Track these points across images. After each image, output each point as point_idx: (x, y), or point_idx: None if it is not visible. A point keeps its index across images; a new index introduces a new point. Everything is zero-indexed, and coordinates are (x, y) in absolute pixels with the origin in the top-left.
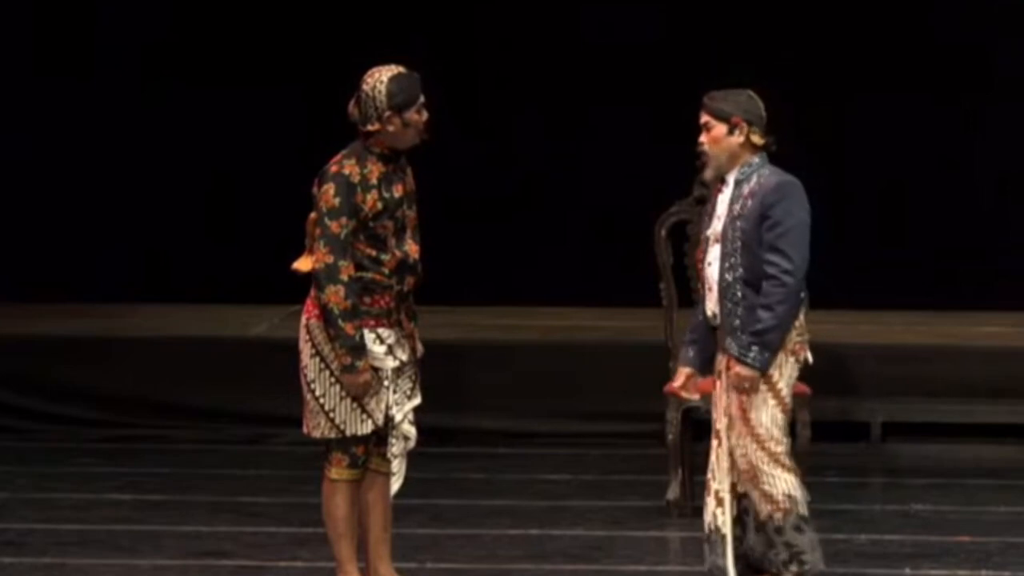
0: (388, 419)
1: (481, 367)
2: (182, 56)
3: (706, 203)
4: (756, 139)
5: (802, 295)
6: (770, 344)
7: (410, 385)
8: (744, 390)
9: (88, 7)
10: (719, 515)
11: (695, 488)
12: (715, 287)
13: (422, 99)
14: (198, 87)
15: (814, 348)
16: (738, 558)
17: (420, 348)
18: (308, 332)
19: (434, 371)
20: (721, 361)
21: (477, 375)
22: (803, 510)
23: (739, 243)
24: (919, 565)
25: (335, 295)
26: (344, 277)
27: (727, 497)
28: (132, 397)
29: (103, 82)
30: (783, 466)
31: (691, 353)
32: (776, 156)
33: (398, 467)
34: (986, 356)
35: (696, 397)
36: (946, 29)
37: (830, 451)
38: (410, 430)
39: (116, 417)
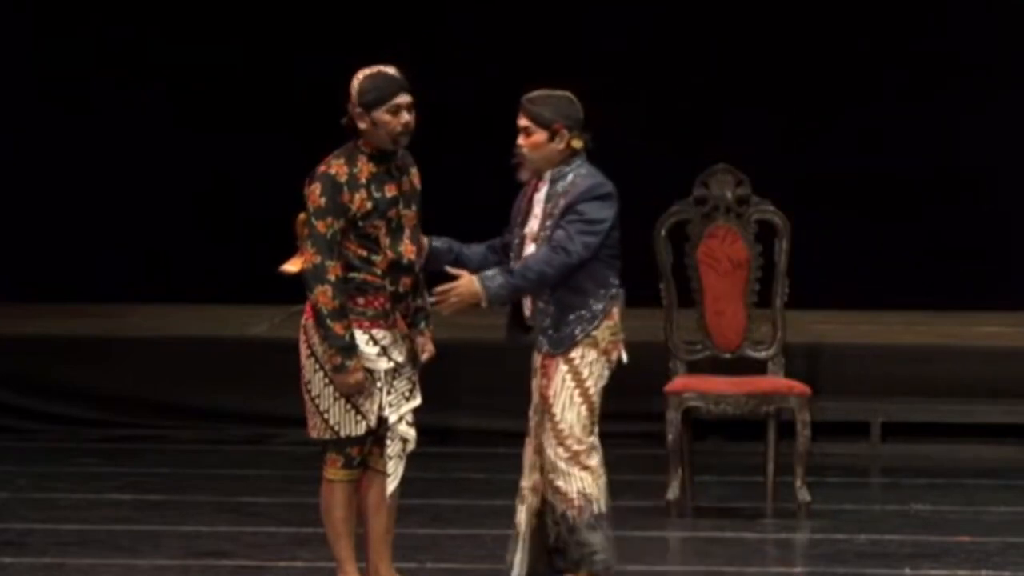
0: (383, 420)
1: (480, 367)
2: (182, 56)
3: (705, 203)
4: (576, 143)
5: (613, 292)
6: (511, 286)
7: (408, 387)
8: (455, 299)
9: (90, 9)
10: (520, 512)
11: (695, 488)
12: None
13: (397, 101)
14: (198, 86)
15: (815, 348)
16: (551, 553)
17: (430, 349)
18: (305, 333)
19: (433, 371)
20: (536, 359)
21: (476, 375)
22: (599, 508)
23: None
24: (919, 565)
25: (323, 295)
26: (331, 277)
27: (528, 495)
28: (132, 397)
29: (104, 82)
30: (581, 465)
31: (468, 249)
32: (774, 155)
33: (393, 468)
34: (986, 356)
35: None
36: (945, 28)
37: (830, 451)
38: (408, 432)
39: (116, 417)
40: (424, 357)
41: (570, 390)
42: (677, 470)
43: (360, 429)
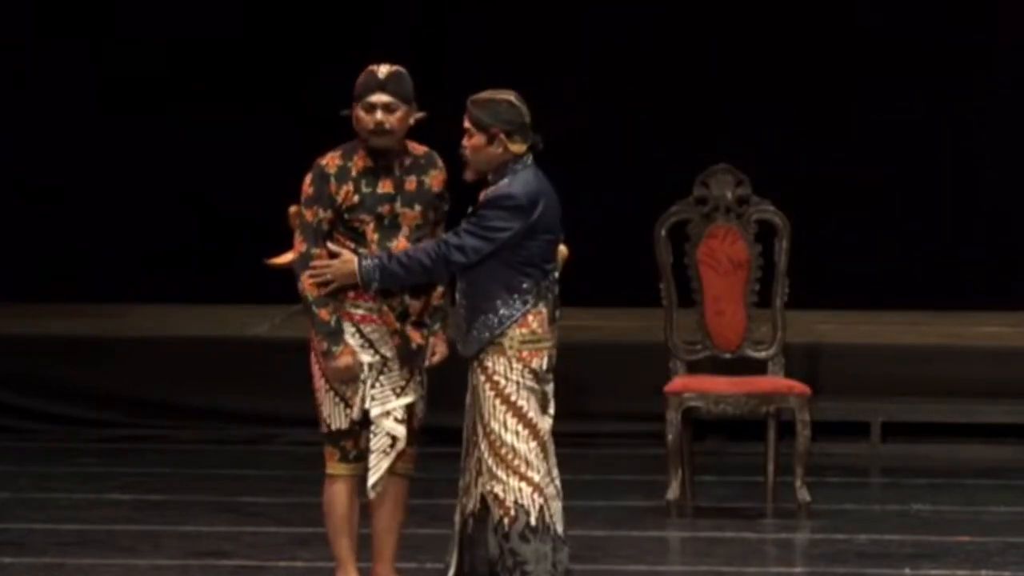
0: (367, 414)
1: None
2: (182, 56)
3: (705, 203)
4: (515, 148)
5: (529, 299)
6: (383, 269)
7: (400, 383)
8: (324, 278)
9: (89, 8)
10: (456, 511)
11: (695, 488)
12: (458, 286)
13: (371, 99)
14: (198, 87)
15: (815, 348)
16: (485, 561)
17: (442, 351)
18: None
19: (435, 370)
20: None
21: None
22: (534, 521)
23: None
24: (919, 565)
25: (307, 282)
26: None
27: (461, 495)
28: (132, 397)
29: (105, 82)
30: (517, 474)
31: None
32: (774, 155)
33: (375, 463)
34: (986, 356)
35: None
36: (946, 28)
37: (830, 451)
38: (395, 428)
39: (116, 417)
40: (434, 359)
41: (491, 399)
42: (677, 470)
43: (345, 422)
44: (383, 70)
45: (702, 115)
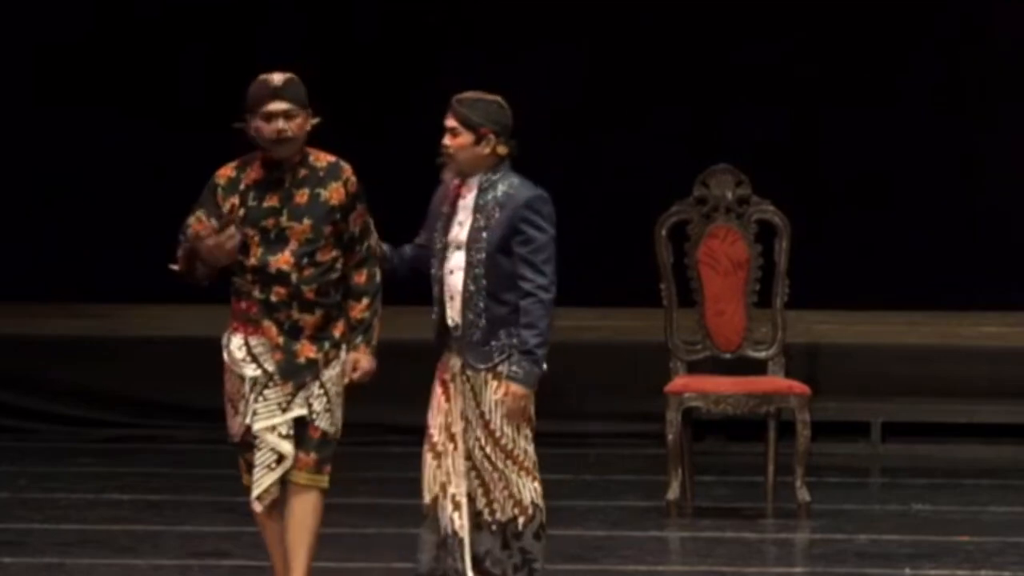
0: (249, 428)
1: None
2: (180, 57)
3: (705, 203)
4: (502, 150)
5: None
6: (539, 360)
7: (286, 398)
8: (519, 409)
9: (87, 9)
10: (456, 519)
11: (695, 488)
12: (458, 296)
13: (267, 108)
14: (196, 87)
15: (815, 348)
16: (474, 560)
17: (364, 367)
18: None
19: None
20: (455, 366)
21: None
22: (544, 519)
23: (484, 254)
24: (919, 565)
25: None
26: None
27: (464, 500)
28: (132, 397)
29: (102, 83)
30: (530, 475)
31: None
32: (774, 155)
33: (258, 477)
34: (986, 356)
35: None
36: (944, 28)
37: (830, 451)
38: (279, 443)
39: (116, 417)
40: (355, 376)
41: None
42: (677, 470)
43: (237, 436)
44: (277, 77)
45: (702, 115)
